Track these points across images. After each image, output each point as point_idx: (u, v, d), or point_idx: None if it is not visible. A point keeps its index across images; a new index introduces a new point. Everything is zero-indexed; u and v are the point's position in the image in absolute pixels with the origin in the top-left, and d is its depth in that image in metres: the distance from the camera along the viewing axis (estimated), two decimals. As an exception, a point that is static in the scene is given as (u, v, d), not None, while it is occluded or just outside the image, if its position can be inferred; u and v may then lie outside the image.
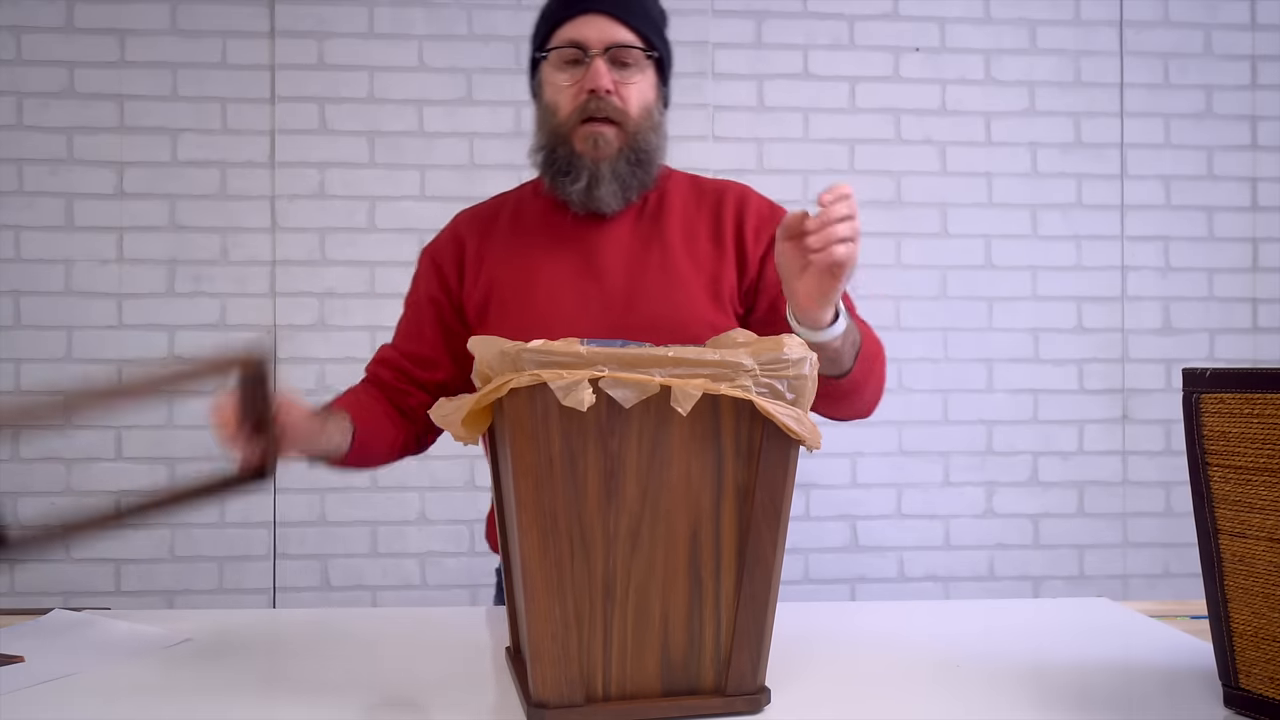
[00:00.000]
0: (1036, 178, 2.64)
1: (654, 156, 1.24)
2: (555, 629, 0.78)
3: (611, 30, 1.19)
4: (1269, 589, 0.74)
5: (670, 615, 0.81)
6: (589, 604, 0.79)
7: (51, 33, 2.47)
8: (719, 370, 0.78)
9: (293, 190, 2.52)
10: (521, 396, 0.75)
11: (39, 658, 0.94)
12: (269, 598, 2.49)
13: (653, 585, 0.80)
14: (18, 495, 2.45)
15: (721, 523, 0.81)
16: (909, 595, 2.59)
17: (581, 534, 0.78)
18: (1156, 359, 2.66)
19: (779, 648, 0.87)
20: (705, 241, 1.26)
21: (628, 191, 1.23)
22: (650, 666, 0.81)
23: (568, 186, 1.22)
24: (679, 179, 1.33)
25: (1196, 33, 2.67)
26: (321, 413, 1.14)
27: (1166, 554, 2.65)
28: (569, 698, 0.79)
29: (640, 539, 0.80)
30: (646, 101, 1.23)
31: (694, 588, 0.81)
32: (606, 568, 0.79)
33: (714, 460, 0.80)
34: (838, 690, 0.87)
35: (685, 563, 0.81)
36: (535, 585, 0.78)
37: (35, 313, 2.46)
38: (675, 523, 0.80)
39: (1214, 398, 0.77)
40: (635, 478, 0.79)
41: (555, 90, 1.22)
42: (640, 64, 1.22)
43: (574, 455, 0.77)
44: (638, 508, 0.79)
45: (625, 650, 0.80)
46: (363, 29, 2.53)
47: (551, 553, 0.77)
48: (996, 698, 0.84)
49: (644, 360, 0.77)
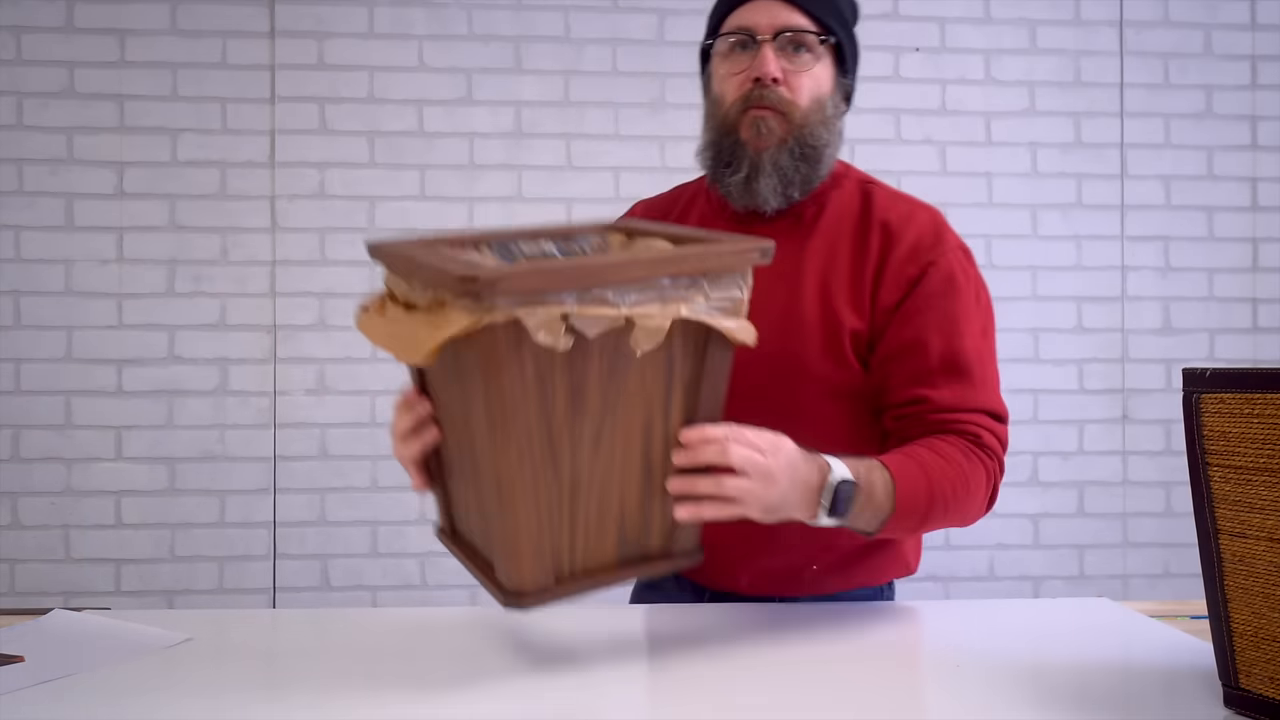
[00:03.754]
0: (1036, 178, 2.64)
1: (822, 152, 1.12)
2: (532, 533, 0.84)
3: (783, 15, 1.10)
4: (1269, 589, 0.74)
5: (626, 500, 0.89)
6: (559, 504, 0.85)
7: (51, 33, 2.47)
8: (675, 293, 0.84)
9: (293, 190, 2.52)
10: (498, 331, 0.77)
11: (39, 658, 0.94)
12: (269, 598, 2.49)
13: (612, 478, 0.87)
14: (17, 495, 2.45)
15: (671, 414, 0.89)
16: (909, 595, 2.58)
17: (550, 445, 0.83)
18: (1156, 359, 2.66)
19: (779, 645, 0.87)
20: (844, 280, 1.11)
21: (789, 187, 1.12)
22: (609, 544, 0.90)
23: (727, 178, 1.13)
24: (852, 190, 1.17)
25: (1196, 33, 2.67)
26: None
27: (1166, 554, 2.65)
28: (543, 583, 0.86)
29: (601, 441, 0.86)
30: (819, 92, 1.12)
31: (645, 474, 0.89)
32: (574, 469, 0.85)
33: (666, 363, 0.87)
34: (838, 690, 0.87)
35: (640, 454, 0.88)
36: (514, 497, 0.82)
37: (35, 313, 2.46)
38: (632, 422, 0.87)
39: (1214, 398, 0.76)
40: (598, 389, 0.84)
41: (721, 80, 1.15)
42: (815, 51, 1.11)
43: (543, 377, 0.81)
44: (599, 415, 0.85)
45: (588, 535, 0.88)
46: (363, 29, 2.53)
47: (528, 467, 0.82)
48: (996, 698, 0.84)
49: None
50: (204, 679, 0.90)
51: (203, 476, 2.48)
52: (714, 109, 1.16)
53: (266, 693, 0.87)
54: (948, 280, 1.09)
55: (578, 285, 0.79)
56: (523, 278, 0.77)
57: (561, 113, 2.57)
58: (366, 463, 2.51)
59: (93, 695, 0.85)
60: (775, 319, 1.10)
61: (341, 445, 2.51)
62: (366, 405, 2.51)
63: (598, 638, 1.03)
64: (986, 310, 1.14)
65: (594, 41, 2.57)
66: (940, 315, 1.08)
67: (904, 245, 1.10)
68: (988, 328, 1.13)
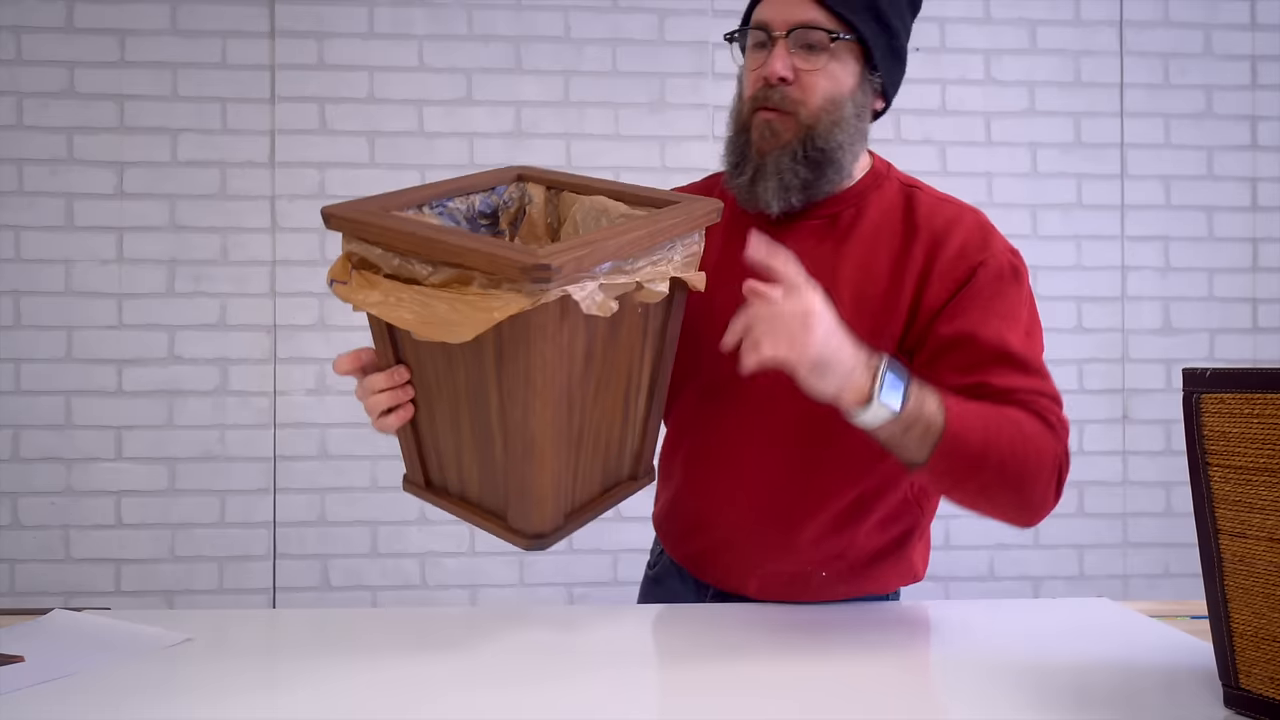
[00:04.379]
0: (1036, 178, 2.65)
1: (834, 155, 1.08)
2: (556, 482, 0.93)
3: (799, 10, 1.05)
4: (1269, 589, 0.74)
5: (610, 439, 1.01)
6: (571, 453, 0.95)
7: (51, 33, 2.47)
8: (662, 254, 0.94)
9: (293, 190, 2.52)
10: (552, 308, 0.83)
11: (39, 658, 0.94)
12: (269, 598, 2.49)
13: (604, 424, 0.98)
14: (17, 495, 2.45)
15: (644, 360, 1.00)
16: (909, 595, 2.59)
17: (569, 403, 0.91)
18: (1156, 359, 2.66)
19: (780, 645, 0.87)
20: (881, 285, 1.08)
21: (788, 192, 1.08)
22: (597, 478, 1.02)
23: (734, 180, 1.11)
24: (893, 192, 1.14)
25: (1196, 33, 2.67)
26: None
27: (1166, 554, 2.65)
28: (557, 524, 0.97)
29: (600, 391, 0.95)
30: (835, 92, 1.07)
31: (625, 413, 1.01)
32: (583, 421, 0.95)
33: (643, 315, 0.97)
34: (838, 690, 0.87)
35: (622, 398, 0.99)
36: (544, 454, 0.90)
37: (35, 313, 2.46)
38: (619, 371, 0.97)
39: (1214, 398, 0.76)
40: (600, 349, 0.93)
41: (745, 76, 1.12)
42: (829, 49, 1.06)
43: (573, 345, 0.89)
44: (600, 370, 0.94)
45: (586, 474, 0.99)
46: (363, 29, 2.53)
47: (554, 426, 0.89)
48: (996, 698, 0.84)
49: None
50: (204, 679, 0.90)
51: (203, 476, 2.48)
52: (736, 106, 1.14)
53: (266, 693, 0.87)
54: (996, 279, 1.06)
55: (614, 258, 0.87)
56: (576, 260, 0.82)
57: (561, 113, 2.57)
58: (366, 463, 2.51)
59: (93, 695, 0.85)
60: None
61: (341, 445, 2.51)
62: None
63: (600, 638, 1.03)
64: (1032, 314, 1.09)
65: (594, 41, 2.57)
66: (989, 311, 1.04)
67: (951, 248, 1.07)
68: (1033, 330, 1.08)
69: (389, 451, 1.08)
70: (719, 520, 1.17)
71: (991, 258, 1.06)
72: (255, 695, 0.86)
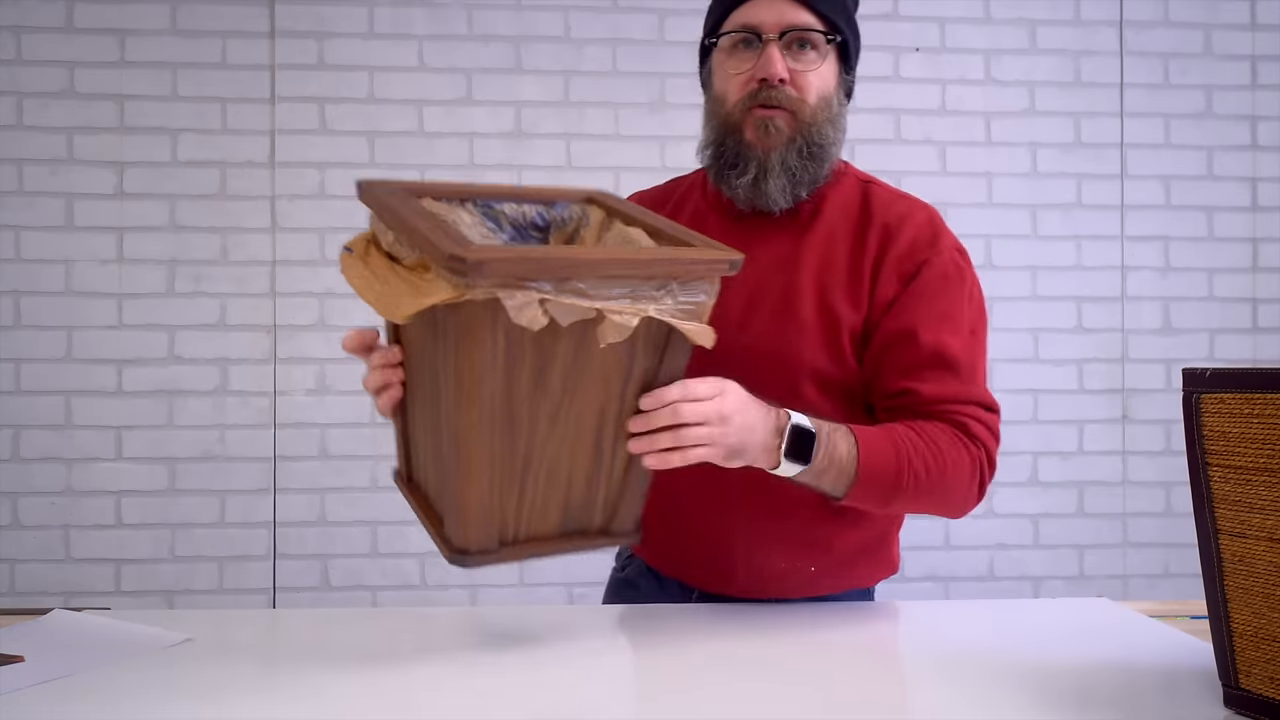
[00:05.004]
0: (1036, 178, 2.64)
1: (828, 150, 1.12)
2: (483, 496, 0.89)
3: (790, 12, 1.09)
4: (1269, 589, 0.74)
5: (574, 478, 0.94)
6: (509, 473, 0.90)
7: (51, 33, 2.47)
8: (646, 292, 0.86)
9: (293, 190, 2.52)
10: (478, 307, 0.80)
11: (39, 658, 0.94)
12: (269, 598, 2.49)
13: (563, 457, 0.92)
14: (17, 495, 2.45)
15: (625, 403, 0.93)
16: (909, 595, 2.59)
17: (510, 418, 0.87)
18: (1156, 359, 2.66)
19: (780, 645, 0.87)
20: (841, 276, 1.12)
21: (797, 187, 1.11)
22: (553, 516, 0.95)
23: (734, 180, 1.12)
24: (850, 187, 1.18)
25: (1196, 33, 2.67)
26: None
27: (1166, 554, 2.65)
28: (486, 545, 0.91)
29: (558, 421, 0.90)
30: (825, 90, 1.12)
31: (595, 457, 0.94)
32: (528, 445, 0.90)
33: (628, 357, 0.90)
34: (837, 690, 0.87)
35: (592, 438, 0.93)
36: (469, 460, 0.87)
37: (35, 313, 2.46)
38: (588, 406, 0.91)
39: (1214, 398, 0.77)
40: (560, 372, 0.88)
41: (725, 79, 1.13)
42: (820, 49, 1.11)
43: (512, 354, 0.85)
44: (559, 396, 0.89)
45: (535, 506, 0.93)
46: (363, 29, 2.53)
47: (485, 434, 0.86)
48: (996, 698, 0.84)
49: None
50: (204, 679, 0.90)
51: (203, 476, 2.48)
52: (717, 107, 1.15)
53: (266, 693, 0.87)
54: (941, 278, 1.10)
55: (556, 275, 0.82)
56: (506, 264, 0.80)
57: (561, 113, 2.57)
58: (366, 463, 2.50)
59: (93, 695, 0.85)
60: (772, 312, 1.11)
61: (341, 445, 2.51)
62: (366, 405, 2.51)
63: (600, 638, 1.03)
64: (978, 310, 1.14)
65: (594, 41, 2.57)
66: (931, 310, 1.09)
67: (902, 242, 1.11)
68: (978, 328, 1.13)
69: (389, 451, 1.07)
70: (700, 520, 1.16)
71: (937, 255, 1.11)
72: (255, 695, 0.86)
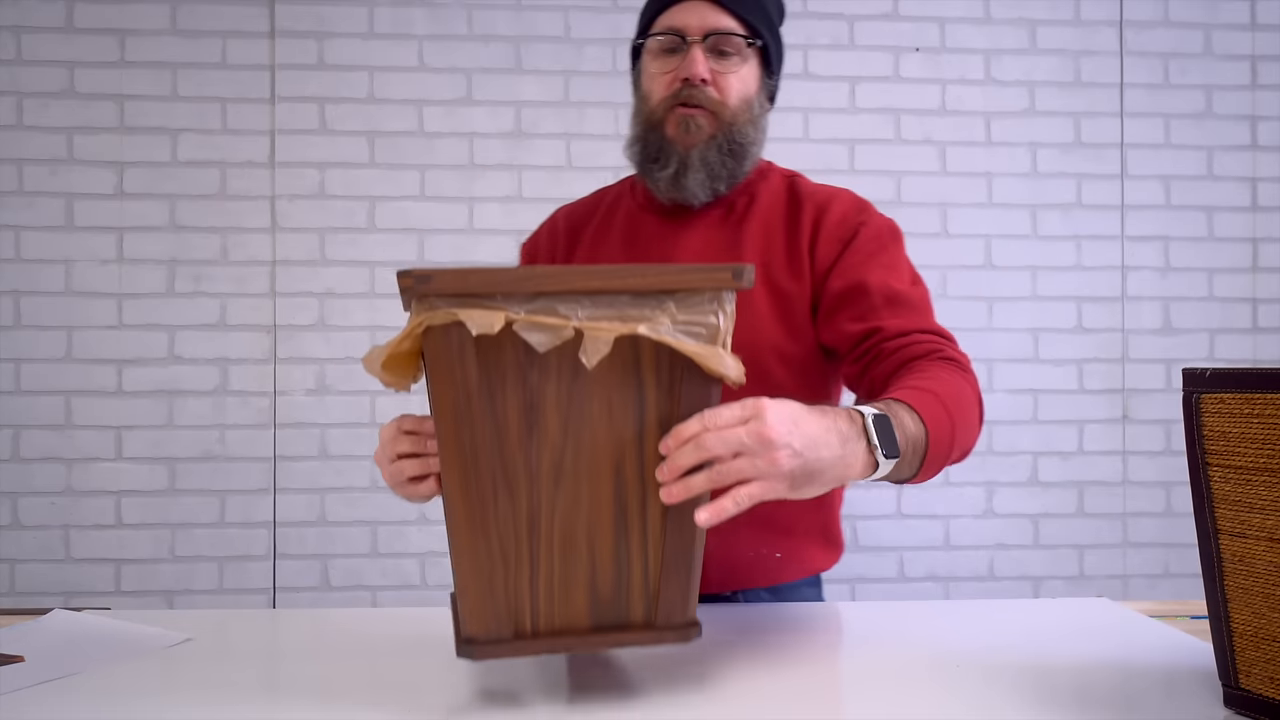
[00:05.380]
0: (1036, 178, 2.64)
1: (749, 150, 1.18)
2: (480, 565, 0.78)
3: (712, 17, 1.14)
4: (1269, 589, 0.74)
5: (597, 549, 0.80)
6: (514, 540, 0.79)
7: (51, 33, 2.47)
8: (636, 311, 0.77)
9: (293, 190, 2.52)
10: (437, 334, 0.75)
11: (39, 658, 0.94)
12: (269, 598, 2.49)
13: (578, 520, 0.80)
14: (17, 495, 2.45)
15: (645, 454, 0.80)
16: (909, 595, 2.59)
17: (504, 470, 0.78)
18: (1156, 359, 2.66)
19: (779, 646, 0.87)
20: (781, 255, 1.18)
21: (716, 182, 1.17)
22: (579, 601, 0.81)
23: (656, 174, 1.18)
24: (778, 180, 1.25)
25: (1196, 33, 2.67)
26: None
27: (1166, 554, 2.65)
28: (497, 633, 0.79)
29: (564, 474, 0.79)
30: (746, 93, 1.17)
31: (620, 521, 0.80)
32: (531, 503, 0.79)
33: (635, 392, 0.79)
34: (837, 690, 0.87)
35: (610, 496, 0.80)
36: (459, 523, 0.78)
37: (35, 313, 2.46)
38: (599, 456, 0.79)
39: (1214, 398, 0.76)
40: (556, 412, 0.78)
41: (651, 78, 1.18)
42: (742, 53, 1.16)
43: (493, 391, 0.77)
44: (560, 442, 0.79)
45: (553, 586, 0.80)
46: (363, 29, 2.53)
47: (474, 490, 0.77)
48: (996, 698, 0.84)
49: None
50: (204, 679, 0.90)
51: (203, 476, 2.48)
52: (642, 105, 1.20)
53: (266, 693, 0.87)
54: (876, 237, 1.17)
55: (523, 291, 0.75)
56: (459, 277, 0.74)
57: (561, 113, 2.57)
58: (366, 463, 2.51)
59: (93, 695, 0.85)
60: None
61: (341, 445, 2.51)
62: (366, 405, 2.51)
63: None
64: (915, 271, 1.19)
65: (594, 41, 2.57)
66: (875, 262, 1.14)
67: (835, 213, 1.18)
68: (918, 280, 1.17)
69: (389, 451, 1.07)
70: None
71: (870, 219, 1.18)
72: (255, 695, 0.86)
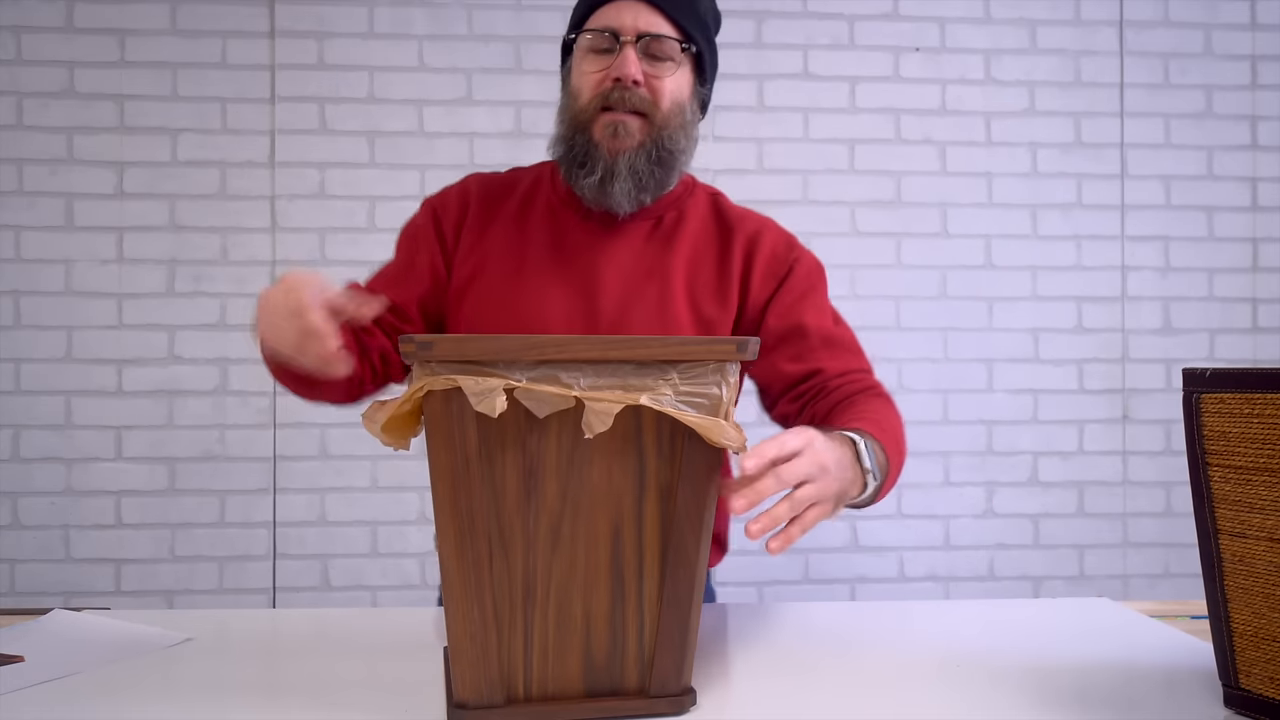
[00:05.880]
0: (1036, 178, 2.64)
1: (678, 158, 1.16)
2: (474, 629, 0.77)
3: (647, 18, 1.12)
4: (1269, 589, 0.74)
5: (593, 616, 0.80)
6: (509, 604, 0.79)
7: (51, 33, 2.47)
8: (638, 381, 0.77)
9: (293, 190, 2.52)
10: (437, 399, 0.75)
11: (39, 658, 0.94)
12: (269, 598, 2.49)
13: (574, 585, 0.80)
14: (17, 495, 2.45)
15: (644, 522, 0.80)
16: (909, 595, 2.59)
17: (500, 534, 0.78)
18: (1156, 359, 2.66)
19: (780, 645, 0.87)
20: (709, 279, 1.18)
21: (642, 192, 1.15)
22: (573, 667, 0.81)
23: (581, 179, 1.14)
24: (703, 199, 1.24)
25: (1196, 33, 2.67)
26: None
27: (1166, 554, 2.65)
28: (489, 698, 0.78)
29: (561, 538, 0.79)
30: (679, 97, 1.15)
31: (616, 588, 0.80)
32: (526, 568, 0.79)
33: (635, 459, 0.79)
34: (837, 690, 0.87)
35: (607, 563, 0.80)
36: (454, 585, 0.77)
37: (35, 313, 2.46)
38: (596, 522, 0.79)
39: (1214, 398, 0.76)
40: (555, 477, 0.78)
41: (581, 76, 1.15)
42: (676, 58, 1.14)
43: (491, 455, 0.77)
44: (558, 507, 0.79)
45: (547, 651, 0.80)
46: (363, 29, 2.53)
47: (469, 553, 0.77)
48: (996, 698, 0.84)
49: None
50: (204, 679, 0.90)
51: (203, 476, 2.48)
52: (570, 103, 1.17)
53: (266, 693, 0.87)
54: (808, 275, 1.20)
55: (525, 359, 0.75)
56: (461, 344, 0.74)
57: (561, 113, 2.57)
58: (366, 463, 2.50)
59: (93, 695, 0.85)
60: (649, 319, 1.16)
61: (341, 445, 2.51)
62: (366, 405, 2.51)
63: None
64: (835, 310, 1.24)
65: (594, 41, 2.57)
66: (808, 302, 1.18)
67: (766, 247, 1.19)
68: (839, 318, 1.22)
69: (389, 452, 1.07)
70: None
71: (802, 256, 1.21)
72: (255, 695, 0.86)
